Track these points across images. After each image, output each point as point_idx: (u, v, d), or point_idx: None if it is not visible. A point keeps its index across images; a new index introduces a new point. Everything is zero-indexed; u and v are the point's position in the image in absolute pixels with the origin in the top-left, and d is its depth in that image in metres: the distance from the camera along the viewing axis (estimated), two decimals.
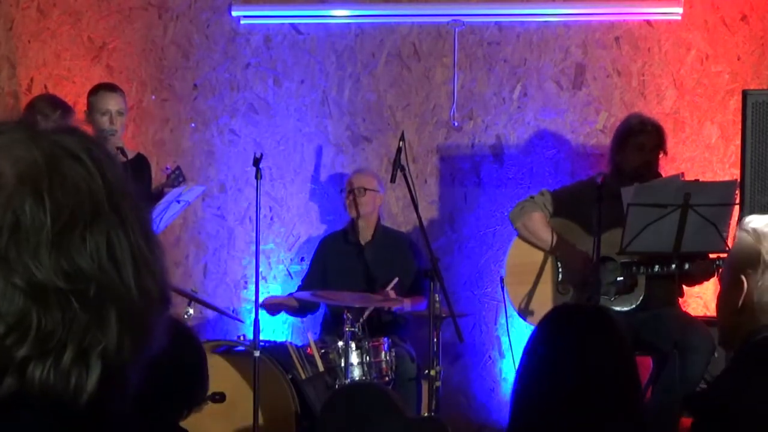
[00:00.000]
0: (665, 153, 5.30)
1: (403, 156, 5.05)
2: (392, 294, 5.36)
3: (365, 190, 5.62)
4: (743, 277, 2.31)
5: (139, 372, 1.03)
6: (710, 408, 2.31)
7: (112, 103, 5.40)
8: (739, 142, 4.92)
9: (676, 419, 4.92)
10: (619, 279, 5.11)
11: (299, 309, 5.65)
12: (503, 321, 5.53)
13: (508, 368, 5.88)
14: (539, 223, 5.29)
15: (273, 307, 5.60)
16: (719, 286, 2.48)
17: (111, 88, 5.51)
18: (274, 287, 6.05)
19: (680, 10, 5.82)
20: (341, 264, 5.66)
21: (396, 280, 5.38)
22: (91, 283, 0.97)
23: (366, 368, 5.04)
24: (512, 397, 2.18)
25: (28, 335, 0.95)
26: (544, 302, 5.24)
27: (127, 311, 0.99)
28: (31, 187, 0.97)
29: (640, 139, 5.18)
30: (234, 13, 6.15)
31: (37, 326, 0.95)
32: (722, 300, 2.42)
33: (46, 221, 0.97)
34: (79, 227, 0.97)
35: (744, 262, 2.32)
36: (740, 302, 2.31)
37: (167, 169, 5.69)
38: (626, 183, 4.94)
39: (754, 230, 2.32)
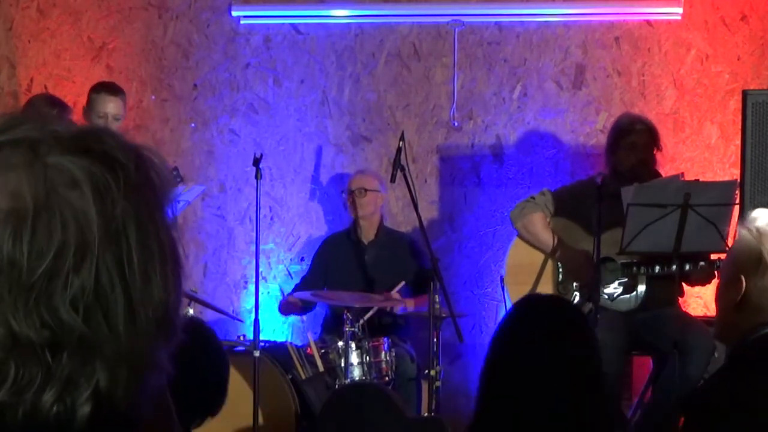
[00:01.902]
0: (659, 149, 5.29)
1: (403, 156, 5.05)
2: (396, 296, 5.36)
3: (365, 190, 5.62)
4: (742, 277, 2.30)
5: (143, 397, 0.96)
6: (702, 406, 2.31)
7: (111, 106, 5.34)
8: (739, 142, 4.92)
9: (676, 419, 4.92)
10: (618, 279, 5.11)
11: (301, 307, 5.67)
12: None
13: None
14: (539, 225, 5.28)
15: (286, 309, 5.64)
16: (719, 279, 2.46)
17: (113, 91, 5.43)
18: (274, 287, 6.05)
19: (680, 10, 5.82)
20: (342, 263, 5.67)
21: (402, 283, 5.39)
22: (73, 332, 0.89)
23: (366, 368, 5.04)
24: (480, 384, 2.22)
25: (3, 385, 0.90)
26: None
27: (116, 353, 0.91)
28: (13, 228, 0.89)
29: (630, 139, 5.18)
30: (234, 13, 6.15)
31: (15, 377, 0.89)
32: (721, 295, 2.42)
33: (24, 267, 0.88)
34: (63, 272, 0.89)
35: (744, 261, 2.31)
36: (738, 300, 2.31)
37: None
38: (624, 183, 4.94)
39: (758, 230, 2.30)
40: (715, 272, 4.93)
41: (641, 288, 5.10)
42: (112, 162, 0.94)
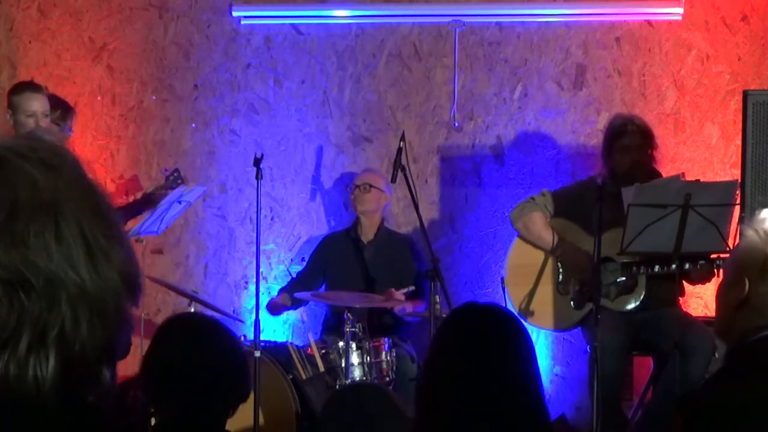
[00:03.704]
0: (655, 148, 5.28)
1: (403, 156, 5.04)
2: (398, 295, 5.36)
3: (370, 187, 5.63)
4: (746, 279, 2.29)
5: (113, 368, 1.04)
6: (699, 408, 2.30)
7: (36, 104, 5.15)
8: (739, 142, 4.92)
9: (677, 420, 4.92)
10: (619, 279, 5.11)
11: (292, 304, 5.67)
12: None
13: None
14: (540, 224, 5.28)
15: (274, 309, 5.63)
16: (722, 276, 2.44)
17: (35, 88, 5.28)
18: (274, 288, 6.05)
19: (681, 10, 5.82)
20: (341, 261, 5.68)
21: (411, 288, 5.39)
22: (39, 272, 0.99)
23: (366, 368, 5.04)
24: (417, 387, 2.25)
25: None
26: (544, 303, 5.24)
27: (81, 297, 1.01)
28: None
29: (622, 142, 5.18)
30: (234, 14, 6.15)
31: None
32: (722, 293, 2.40)
33: None
34: (21, 219, 1.00)
35: (748, 263, 2.29)
36: (740, 301, 2.30)
37: (166, 170, 5.70)
38: (623, 184, 4.94)
39: (765, 232, 2.28)
40: (715, 270, 4.93)
41: (641, 288, 5.10)
42: (46, 146, 1.08)
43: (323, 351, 5.11)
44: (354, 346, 5.02)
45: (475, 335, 2.21)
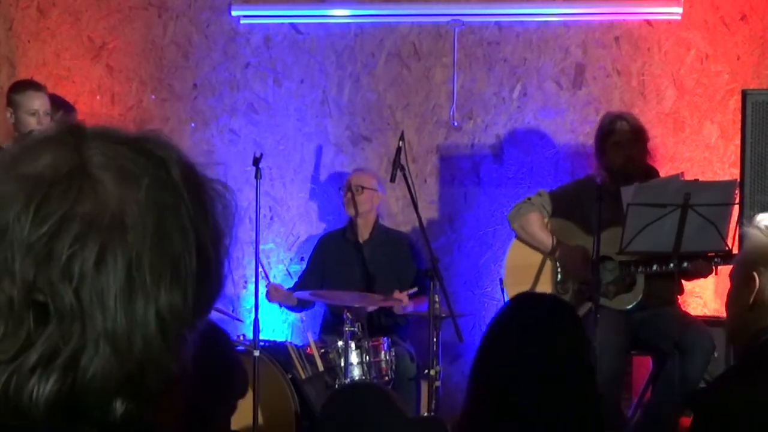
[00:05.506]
0: (648, 141, 5.28)
1: (402, 156, 5.04)
2: (402, 296, 5.34)
3: (363, 188, 5.62)
4: (755, 275, 2.29)
5: (139, 401, 0.94)
6: (712, 405, 2.30)
7: (38, 103, 5.13)
8: (738, 141, 4.92)
9: (676, 419, 4.92)
10: (617, 278, 5.11)
11: (296, 306, 5.67)
12: None
13: None
14: (536, 225, 5.29)
15: (274, 297, 5.57)
16: (730, 284, 2.45)
17: (37, 87, 5.24)
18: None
19: (680, 9, 5.82)
20: (339, 262, 5.67)
21: (415, 289, 5.37)
22: (62, 300, 0.91)
23: (366, 368, 5.04)
24: (471, 377, 2.23)
25: None
26: None
27: (102, 334, 0.92)
28: (26, 193, 0.93)
29: (613, 139, 5.20)
30: (234, 13, 6.15)
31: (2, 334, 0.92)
32: (732, 297, 2.40)
33: (26, 228, 0.92)
34: (65, 238, 0.92)
35: (756, 259, 2.30)
36: (751, 300, 2.30)
37: None
38: (618, 182, 4.94)
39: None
40: (713, 267, 4.94)
41: (640, 287, 5.10)
42: (149, 156, 0.99)
43: (322, 350, 5.11)
44: (353, 345, 5.02)
45: (540, 325, 2.21)
